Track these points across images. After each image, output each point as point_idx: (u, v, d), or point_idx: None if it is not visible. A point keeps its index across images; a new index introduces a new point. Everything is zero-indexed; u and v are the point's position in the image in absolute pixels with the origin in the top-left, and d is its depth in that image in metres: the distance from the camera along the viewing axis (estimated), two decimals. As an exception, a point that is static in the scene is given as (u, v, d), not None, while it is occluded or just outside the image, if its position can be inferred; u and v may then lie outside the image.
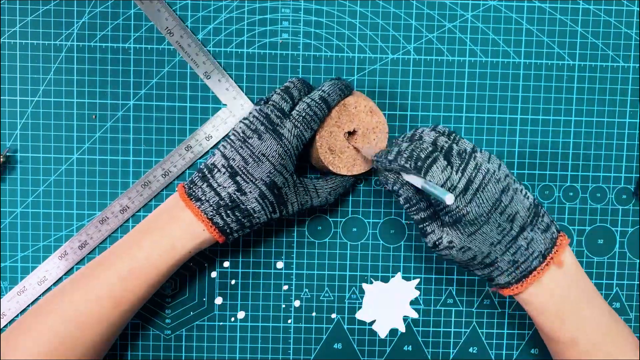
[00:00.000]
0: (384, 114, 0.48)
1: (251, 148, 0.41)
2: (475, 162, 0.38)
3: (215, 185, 0.42)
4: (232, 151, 0.42)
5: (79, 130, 0.49)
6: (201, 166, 0.43)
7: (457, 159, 0.38)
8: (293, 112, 0.42)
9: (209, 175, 0.42)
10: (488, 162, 0.39)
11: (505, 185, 0.38)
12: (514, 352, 0.51)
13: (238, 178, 0.41)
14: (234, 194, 0.41)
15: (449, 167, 0.38)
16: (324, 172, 0.47)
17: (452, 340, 0.51)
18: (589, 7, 0.49)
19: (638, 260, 0.51)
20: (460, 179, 0.37)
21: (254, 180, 0.41)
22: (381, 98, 0.49)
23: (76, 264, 0.49)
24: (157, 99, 0.49)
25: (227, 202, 0.42)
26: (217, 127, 0.49)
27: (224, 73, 0.48)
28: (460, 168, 0.38)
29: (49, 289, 0.49)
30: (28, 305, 0.49)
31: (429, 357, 0.51)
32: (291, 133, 0.42)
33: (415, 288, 0.51)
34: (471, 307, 0.51)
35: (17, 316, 0.49)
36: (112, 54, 0.48)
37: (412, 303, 0.51)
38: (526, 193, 0.40)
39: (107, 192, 0.49)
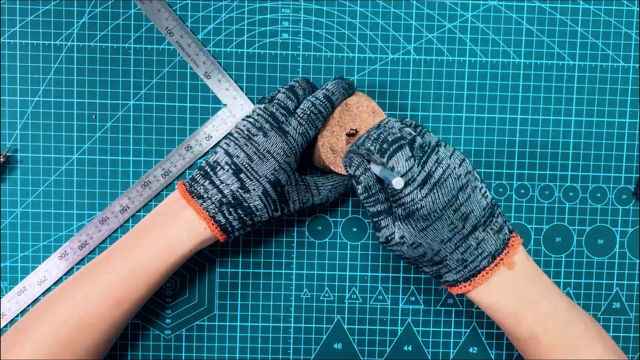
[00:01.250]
0: (385, 115, 0.47)
1: (256, 145, 0.41)
2: (437, 157, 0.38)
3: (217, 182, 0.41)
4: (236, 148, 0.42)
5: (79, 130, 0.49)
6: (202, 164, 0.43)
7: (419, 151, 0.38)
8: (298, 111, 0.42)
9: (211, 173, 0.42)
10: (450, 158, 0.39)
11: (465, 182, 0.38)
12: (514, 352, 0.51)
13: (242, 175, 0.41)
14: (237, 191, 0.41)
15: (412, 158, 0.37)
16: (325, 172, 0.47)
17: (452, 340, 0.51)
18: (589, 7, 0.49)
19: (638, 260, 0.51)
20: (420, 172, 0.37)
21: (258, 178, 0.41)
22: (381, 98, 0.49)
23: (76, 264, 0.49)
24: (157, 99, 0.49)
25: (230, 199, 0.41)
26: (217, 127, 0.49)
27: (224, 73, 0.48)
28: (422, 161, 0.38)
29: (49, 289, 0.49)
30: (28, 306, 0.49)
31: (429, 357, 0.51)
32: (296, 131, 0.42)
33: (415, 288, 0.51)
34: (471, 307, 0.51)
35: (17, 317, 0.49)
36: (112, 54, 0.48)
37: (412, 303, 0.51)
38: (485, 192, 0.40)
39: (107, 192, 0.49)
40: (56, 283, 0.49)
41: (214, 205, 0.41)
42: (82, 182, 0.49)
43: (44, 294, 0.49)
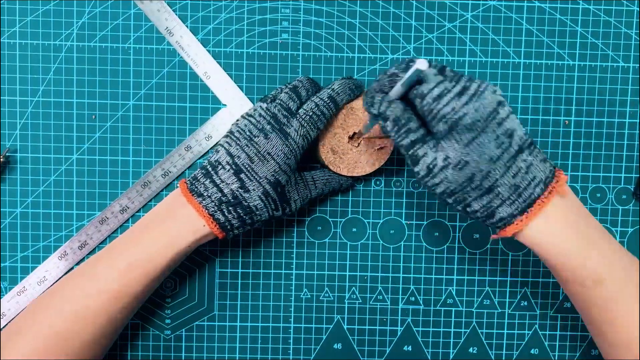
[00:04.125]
0: None
1: (257, 147, 0.41)
2: (468, 77, 0.36)
3: (218, 181, 0.42)
4: (237, 149, 0.42)
5: (79, 130, 0.48)
6: (204, 163, 0.43)
7: (450, 72, 0.37)
8: (300, 111, 0.42)
9: (212, 172, 0.42)
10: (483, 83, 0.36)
11: (502, 99, 0.36)
12: (514, 352, 0.51)
13: (242, 175, 0.41)
14: (237, 190, 0.41)
15: (441, 76, 0.36)
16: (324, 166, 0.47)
17: (452, 340, 0.51)
18: (589, 7, 0.49)
19: (638, 260, 0.51)
20: (454, 86, 0.35)
21: (258, 179, 0.41)
22: (381, 98, 0.49)
23: (76, 264, 0.49)
24: (157, 99, 0.49)
25: (230, 198, 0.41)
26: (217, 127, 0.49)
27: (224, 73, 0.48)
28: (454, 79, 0.36)
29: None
30: (28, 306, 0.49)
31: (429, 357, 0.51)
32: (297, 133, 0.42)
33: (415, 288, 0.51)
34: (471, 307, 0.51)
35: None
36: (112, 54, 0.48)
37: (412, 303, 0.51)
38: (519, 123, 0.37)
39: (106, 192, 0.49)
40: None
41: (213, 204, 0.41)
42: (81, 182, 0.49)
43: (43, 294, 0.49)
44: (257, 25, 0.49)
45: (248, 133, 0.42)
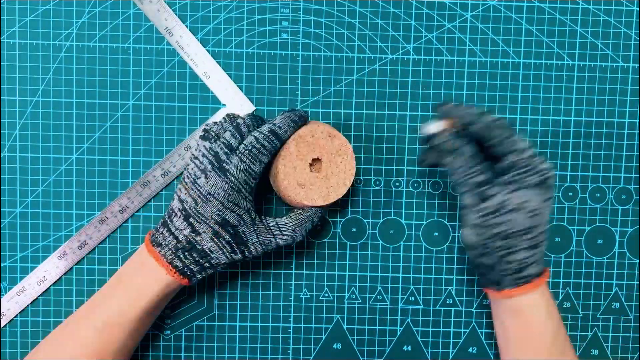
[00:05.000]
0: (342, 135, 0.45)
1: (199, 189, 0.41)
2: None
3: (173, 229, 0.42)
4: (185, 193, 0.42)
5: (79, 130, 0.48)
6: (165, 212, 0.44)
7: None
8: (240, 147, 0.42)
9: (168, 220, 0.43)
10: None
11: None
12: (514, 352, 0.51)
13: (191, 219, 0.42)
14: (189, 235, 0.42)
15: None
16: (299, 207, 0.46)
17: (451, 340, 0.51)
18: (589, 7, 0.49)
19: (638, 260, 0.51)
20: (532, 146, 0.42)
21: (205, 220, 0.42)
22: (381, 98, 0.49)
23: (75, 264, 0.49)
24: (157, 99, 0.49)
25: (184, 244, 0.42)
26: (216, 127, 0.49)
27: (224, 73, 0.48)
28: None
29: (48, 289, 0.49)
30: (28, 306, 0.49)
31: (429, 357, 0.51)
32: (237, 168, 0.41)
33: (415, 288, 0.51)
34: (471, 307, 0.51)
35: (16, 317, 0.49)
36: (112, 54, 0.48)
37: (411, 303, 0.51)
38: None
39: (106, 192, 0.49)
40: (55, 283, 0.49)
41: (170, 252, 0.42)
42: (81, 182, 0.49)
43: (43, 294, 0.49)
44: (256, 25, 0.49)
45: (193, 176, 0.42)
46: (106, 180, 0.49)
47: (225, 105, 0.49)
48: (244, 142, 0.42)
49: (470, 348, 0.51)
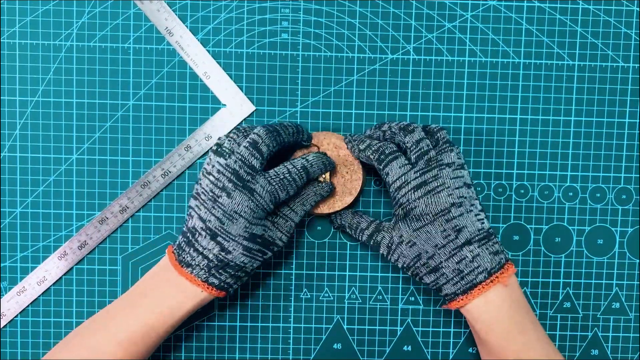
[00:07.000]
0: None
1: (222, 207, 0.41)
2: (437, 172, 0.41)
3: (200, 249, 0.42)
4: (206, 212, 0.42)
5: (79, 130, 0.49)
6: (184, 229, 0.43)
7: (423, 163, 0.42)
8: (270, 172, 0.42)
9: (192, 240, 0.42)
10: (451, 179, 0.41)
11: (458, 201, 0.41)
12: (514, 352, 0.51)
13: (219, 239, 0.42)
14: (220, 254, 0.42)
15: (409, 166, 0.42)
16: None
17: (451, 340, 0.51)
18: (589, 7, 0.49)
19: (638, 260, 0.51)
20: (416, 178, 0.41)
21: (234, 238, 0.42)
22: (381, 98, 0.49)
23: (75, 264, 0.49)
24: (157, 99, 0.49)
25: (216, 262, 0.42)
26: (216, 127, 0.49)
27: (224, 73, 0.48)
28: (420, 170, 0.41)
29: (48, 289, 0.49)
30: (28, 306, 0.49)
31: (429, 357, 0.51)
32: (264, 189, 0.41)
33: (415, 288, 0.51)
34: (471, 307, 0.51)
35: (16, 317, 0.49)
36: (112, 54, 0.48)
37: (411, 303, 0.51)
38: (482, 219, 0.42)
39: (106, 192, 0.49)
40: (56, 283, 0.49)
41: (203, 271, 0.42)
42: (81, 182, 0.49)
43: (43, 294, 0.49)
44: (256, 25, 0.49)
45: (211, 194, 0.41)
46: (106, 180, 0.49)
47: (225, 105, 0.49)
48: (276, 169, 0.43)
49: (471, 348, 0.51)
